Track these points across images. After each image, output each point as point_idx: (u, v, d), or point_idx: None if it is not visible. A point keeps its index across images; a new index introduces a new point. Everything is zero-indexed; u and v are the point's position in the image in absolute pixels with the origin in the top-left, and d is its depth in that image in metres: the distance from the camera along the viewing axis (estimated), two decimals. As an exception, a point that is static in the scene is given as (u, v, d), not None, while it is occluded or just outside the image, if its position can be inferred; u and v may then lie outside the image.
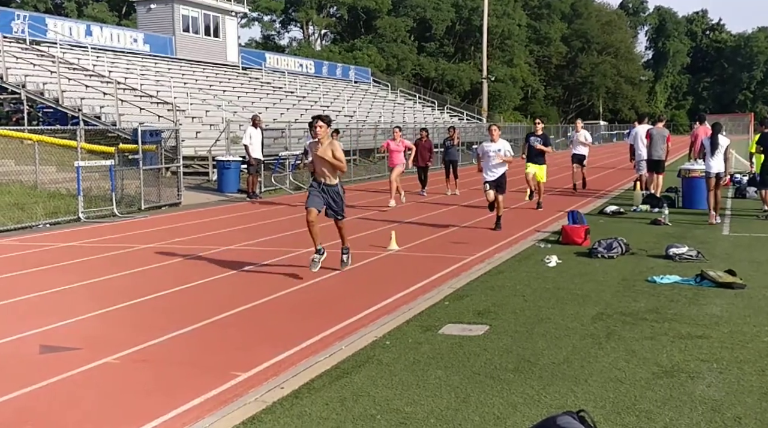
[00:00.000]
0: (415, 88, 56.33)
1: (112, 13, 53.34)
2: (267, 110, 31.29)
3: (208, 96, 30.73)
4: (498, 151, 12.90)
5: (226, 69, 38.19)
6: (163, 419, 4.75)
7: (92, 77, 26.50)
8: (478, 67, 66.01)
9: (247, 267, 9.97)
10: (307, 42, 73.12)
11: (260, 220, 15.13)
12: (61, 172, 18.19)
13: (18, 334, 6.71)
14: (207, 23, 37.74)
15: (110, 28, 35.57)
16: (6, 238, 12.80)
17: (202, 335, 6.75)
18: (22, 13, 30.91)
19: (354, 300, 7.99)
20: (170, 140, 20.18)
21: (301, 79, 42.06)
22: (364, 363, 5.84)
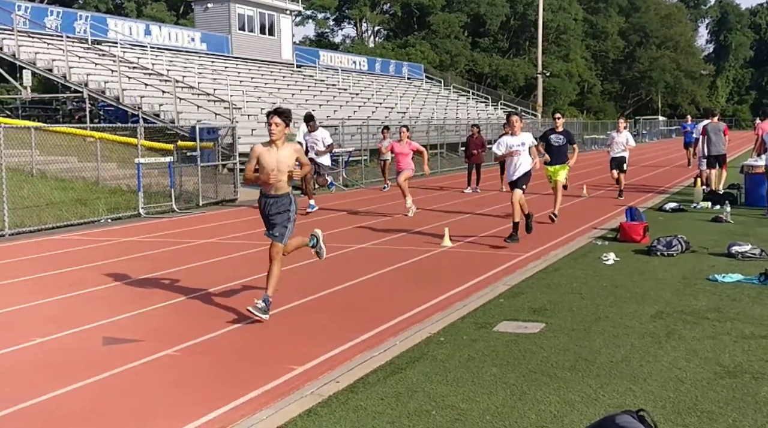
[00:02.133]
0: (468, 83, 56.04)
1: (170, 12, 54.32)
2: (320, 107, 31.50)
3: (264, 94, 31.08)
4: (522, 146, 11.18)
5: (281, 67, 38.56)
6: (222, 410, 4.83)
7: (151, 76, 27.04)
8: (533, 62, 65.32)
9: (302, 261, 10.06)
10: (361, 39, 73.35)
11: (314, 216, 15.25)
12: (121, 168, 18.63)
13: (82, 326, 6.89)
14: (262, 22, 38.16)
15: (168, 27, 36.24)
16: (70, 233, 13.17)
17: (258, 328, 6.84)
18: (84, 13, 31.70)
19: (408, 296, 8.00)
20: (227, 137, 20.49)
21: (354, 76, 42.22)
22: (419, 359, 5.84)
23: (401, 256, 10.36)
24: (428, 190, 21.19)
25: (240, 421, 4.65)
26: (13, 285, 8.80)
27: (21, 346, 6.29)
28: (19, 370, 5.72)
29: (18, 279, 9.16)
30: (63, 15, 29.22)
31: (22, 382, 5.45)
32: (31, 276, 9.31)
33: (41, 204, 14.84)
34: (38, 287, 8.65)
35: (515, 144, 11.16)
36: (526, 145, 11.22)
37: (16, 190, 14.28)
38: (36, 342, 6.41)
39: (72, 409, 4.93)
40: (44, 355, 6.09)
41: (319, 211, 16.33)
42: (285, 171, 7.12)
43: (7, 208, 12.98)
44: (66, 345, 6.37)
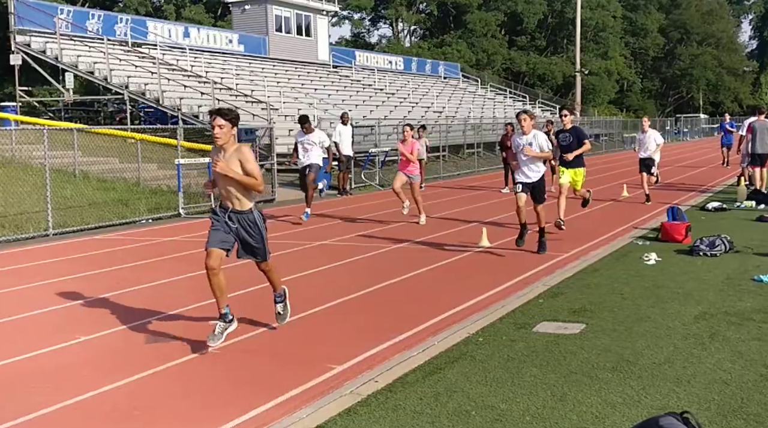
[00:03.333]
0: (505, 82, 55.73)
1: (208, 14, 54.87)
2: (357, 107, 31.57)
3: (300, 94, 31.25)
4: (529, 145, 10.19)
5: (317, 67, 38.73)
6: (263, 408, 4.87)
7: (190, 77, 27.36)
8: (571, 61, 64.69)
9: (340, 261, 10.09)
10: (397, 39, 73.35)
11: (352, 216, 15.29)
12: (161, 169, 18.88)
13: (124, 325, 7.00)
14: (299, 23, 38.37)
15: (207, 29, 36.63)
16: (111, 233, 13.37)
17: (298, 328, 6.88)
18: (125, 16, 32.18)
19: (446, 296, 7.98)
20: (264, 138, 20.63)
21: (390, 76, 42.23)
22: (458, 359, 5.82)
23: (439, 256, 10.34)
24: (465, 189, 21.12)
25: (280, 420, 4.68)
26: (57, 284, 8.97)
27: (66, 344, 6.41)
28: (65, 368, 5.83)
29: (62, 278, 9.33)
30: (104, 18, 29.71)
31: (68, 379, 5.55)
32: (75, 276, 9.47)
33: (83, 204, 15.09)
34: (82, 286, 8.79)
35: (522, 143, 10.26)
36: (534, 145, 10.16)
37: (59, 191, 14.55)
38: (80, 340, 6.52)
39: (116, 406, 5.01)
40: (88, 353, 6.20)
41: (356, 209, 16.35)
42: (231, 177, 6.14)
43: (51, 208, 13.23)
44: (109, 343, 6.47)
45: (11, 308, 7.68)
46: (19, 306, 7.74)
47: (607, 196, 17.70)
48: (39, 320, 7.29)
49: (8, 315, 7.37)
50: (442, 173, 26.41)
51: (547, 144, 10.31)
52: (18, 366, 5.89)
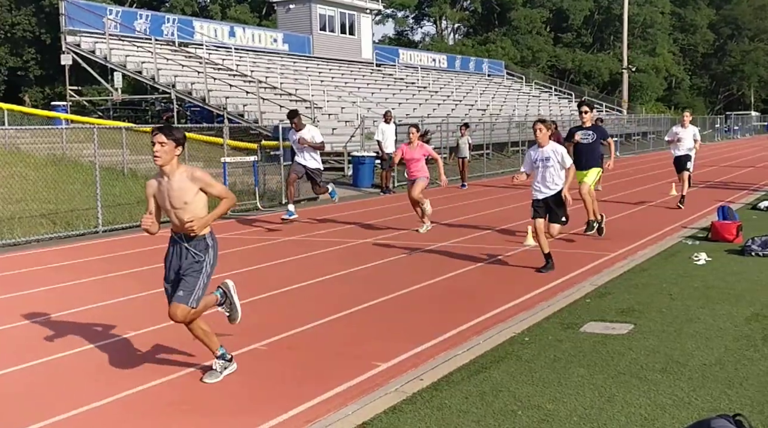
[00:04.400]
0: (550, 79, 55.18)
1: (253, 14, 55.36)
2: (400, 106, 31.58)
3: (344, 93, 31.36)
4: (546, 161, 9.00)
5: (361, 66, 38.83)
6: (309, 404, 4.91)
7: (236, 77, 27.65)
8: (618, 57, 63.79)
9: (383, 259, 10.11)
10: (440, 36, 73.15)
11: (394, 214, 15.30)
12: (207, 167, 19.07)
13: (170, 322, 7.08)
14: (343, 21, 38.50)
15: (252, 28, 36.97)
16: (160, 230, 13.58)
17: (344, 324, 6.92)
18: (172, 16, 32.64)
19: (491, 295, 7.94)
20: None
21: (434, 74, 42.14)
22: (503, 358, 5.79)
23: (482, 255, 10.28)
24: (509, 187, 20.97)
25: (326, 416, 4.71)
26: (109, 280, 9.15)
27: (118, 338, 6.53)
28: (117, 362, 5.94)
29: (113, 274, 9.52)
30: (151, 18, 30.17)
31: (119, 373, 5.65)
32: (126, 272, 9.65)
33: (132, 201, 15.34)
34: (131, 282, 8.95)
35: (539, 158, 9.04)
36: (552, 161, 8.98)
37: (108, 189, 14.82)
38: (131, 334, 6.64)
39: (168, 400, 5.09)
40: (139, 348, 6.31)
41: (398, 207, 16.33)
42: (187, 208, 5.21)
43: (101, 206, 13.49)
44: (161, 337, 6.57)
45: (64, 303, 7.85)
46: (71, 302, 7.91)
47: (655, 195, 17.42)
48: (90, 315, 7.44)
49: (61, 310, 7.54)
50: (486, 171, 26.27)
51: (568, 157, 9.19)
52: (69, 360, 6.02)
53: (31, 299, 8.17)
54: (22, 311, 7.53)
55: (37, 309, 7.60)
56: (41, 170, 16.51)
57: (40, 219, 13.24)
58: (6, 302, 8.06)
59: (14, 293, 8.43)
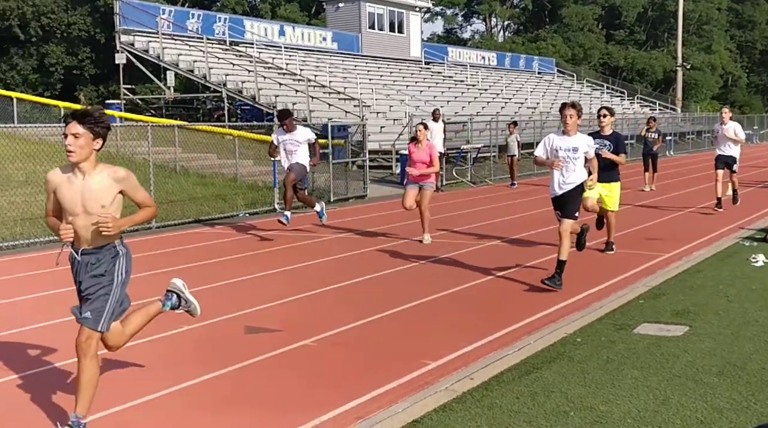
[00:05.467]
0: (602, 77, 54.33)
1: (302, 13, 55.70)
2: (449, 104, 31.46)
3: (392, 91, 31.37)
4: (572, 153, 7.94)
5: (410, 64, 38.78)
6: (359, 401, 4.92)
7: (285, 75, 27.87)
8: (672, 55, 62.50)
9: (436, 257, 10.07)
10: (490, 34, 72.64)
11: (444, 213, 15.24)
12: (257, 165, 19.29)
13: (225, 315, 7.18)
14: (392, 19, 38.51)
15: (301, 27, 37.22)
16: (210, 227, 13.77)
17: (392, 322, 6.91)
18: (223, 15, 33.06)
19: (541, 295, 7.85)
20: (356, 135, 20.81)
21: (483, 72, 41.86)
22: (555, 359, 5.72)
23: (533, 254, 10.18)
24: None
25: (376, 413, 4.71)
26: (160, 276, 9.28)
27: (170, 333, 6.63)
28: (170, 356, 6.03)
29: (165, 269, 9.66)
30: (203, 17, 30.58)
31: (172, 367, 5.74)
32: (177, 267, 9.78)
33: (184, 198, 15.58)
34: (183, 277, 9.06)
35: (563, 147, 7.93)
36: (579, 153, 7.97)
37: (161, 186, 15.07)
38: (183, 329, 6.74)
39: (219, 394, 5.15)
40: (191, 342, 6.40)
41: (446, 205, 16.27)
42: (97, 213, 4.36)
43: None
44: (211, 333, 6.66)
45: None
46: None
47: (710, 195, 17.02)
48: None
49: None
50: (536, 170, 25.98)
51: (592, 153, 8.17)
52: (126, 353, 6.11)
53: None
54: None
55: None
56: (97, 166, 16.84)
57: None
58: (62, 295, 8.24)
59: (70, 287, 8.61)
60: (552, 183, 8.12)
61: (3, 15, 43.68)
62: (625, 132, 36.80)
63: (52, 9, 44.09)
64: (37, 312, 7.44)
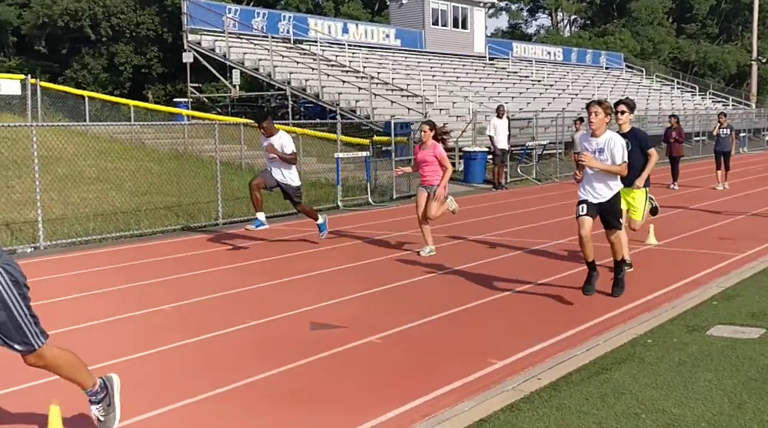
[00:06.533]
0: (672, 72, 52.96)
1: (365, 10, 55.89)
2: (513, 100, 31.12)
3: (455, 87, 31.19)
4: (599, 155, 7.22)
5: (473, 60, 38.51)
6: (425, 399, 4.89)
7: (348, 73, 27.98)
8: (747, 48, 60.51)
9: (501, 255, 9.97)
10: (556, 29, 71.59)
11: (507, 211, 15.09)
12: (320, 163, 19.43)
13: (291, 311, 7.24)
14: (456, 15, 38.29)
15: (364, 24, 37.32)
16: (276, 223, 13.91)
17: (457, 320, 6.86)
18: (287, 14, 33.39)
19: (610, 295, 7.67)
20: (419, 132, 20.74)
21: (549, 67, 41.27)
22: (625, 360, 5.59)
23: (602, 253, 9.93)
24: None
25: (442, 412, 4.68)
26: (227, 271, 9.43)
27: (237, 327, 6.71)
28: (236, 351, 6.10)
29: (231, 265, 9.81)
30: (268, 16, 30.95)
31: (238, 362, 5.80)
32: (243, 264, 9.93)
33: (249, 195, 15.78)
34: (250, 273, 9.20)
35: (589, 149, 7.28)
36: (604, 154, 7.20)
37: (227, 183, 15.30)
38: (251, 324, 6.82)
39: (285, 389, 5.18)
40: (257, 337, 6.46)
41: (511, 203, 16.09)
42: None
43: (221, 200, 13.94)
44: (277, 328, 6.72)
45: (184, 293, 8.14)
46: (191, 291, 8.19)
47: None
48: (211, 304, 7.68)
49: (182, 300, 7.82)
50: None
51: (623, 153, 7.27)
52: (190, 348, 6.22)
53: (158, 288, 8.52)
54: (144, 300, 7.86)
55: (160, 298, 7.92)
56: (164, 164, 17.24)
57: (164, 211, 13.82)
58: (130, 291, 8.44)
59: (142, 282, 8.82)
60: (585, 190, 7.37)
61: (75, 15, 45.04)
62: (696, 128, 35.86)
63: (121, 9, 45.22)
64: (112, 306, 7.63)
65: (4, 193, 13.47)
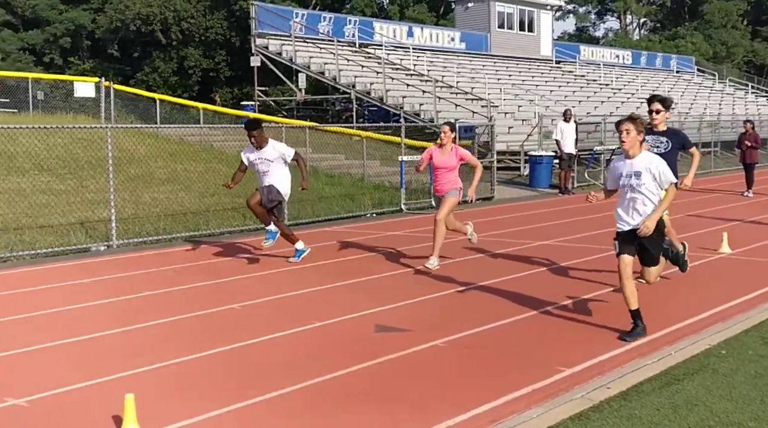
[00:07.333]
0: (747, 76, 51.44)
1: (431, 13, 55.89)
2: (580, 104, 30.67)
3: (521, 91, 30.90)
4: (634, 179, 6.32)
5: (539, 63, 38.10)
6: (492, 405, 4.85)
7: (413, 76, 28.00)
8: (826, 51, 58.38)
9: (564, 262, 9.82)
10: (624, 32, 70.29)
11: (574, 216, 14.86)
12: (384, 166, 19.49)
13: (356, 313, 7.27)
14: (522, 18, 37.97)
15: (429, 28, 37.30)
16: (338, 225, 14.02)
17: (523, 326, 6.79)
18: (353, 18, 33.61)
19: (682, 304, 7.51)
20: (483, 136, 20.63)
21: (617, 71, 40.54)
22: (698, 371, 5.44)
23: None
24: (699, 191, 19.77)
25: (510, 417, 4.63)
26: (294, 273, 9.53)
27: (303, 328, 6.77)
28: (301, 352, 6.16)
29: (296, 267, 9.90)
30: (334, 20, 31.21)
31: (303, 362, 5.85)
32: (309, 265, 10.00)
33: (313, 198, 15.93)
34: (316, 274, 9.27)
35: (624, 173, 6.41)
36: (645, 178, 6.30)
37: (292, 185, 15.45)
38: (317, 325, 6.87)
39: (350, 390, 5.21)
40: (322, 338, 6.51)
41: (578, 209, 15.82)
42: None
43: (286, 202, 14.08)
44: (342, 330, 6.75)
45: (254, 292, 8.26)
46: (260, 291, 8.31)
47: None
48: (278, 304, 7.77)
49: (251, 299, 7.93)
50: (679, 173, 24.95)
51: (669, 173, 6.41)
52: (263, 345, 6.30)
53: (228, 287, 8.66)
54: (217, 298, 8.00)
55: (231, 296, 8.06)
56: (232, 166, 17.45)
57: (231, 212, 14.04)
58: (204, 289, 8.60)
59: (212, 281, 8.98)
60: (618, 216, 6.52)
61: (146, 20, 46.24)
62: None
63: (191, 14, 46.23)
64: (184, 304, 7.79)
65: (79, 193, 13.90)
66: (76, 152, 15.11)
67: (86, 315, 7.37)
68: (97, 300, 7.87)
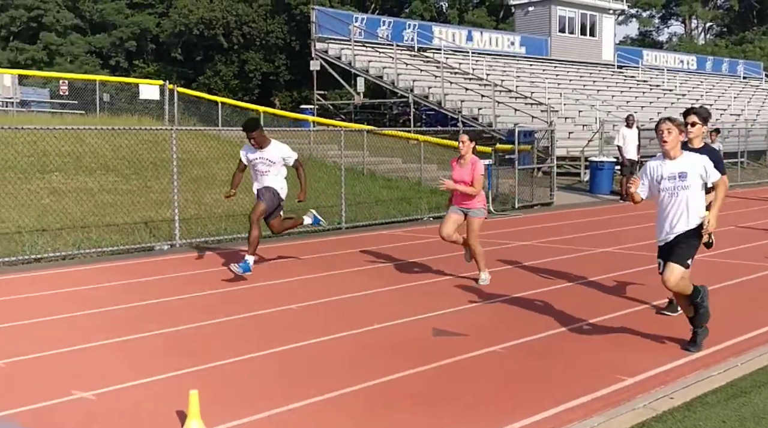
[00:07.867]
0: (817, 82, 49.74)
1: (490, 17, 55.64)
2: (643, 109, 30.12)
3: (582, 96, 30.51)
4: (679, 180, 6.01)
5: (601, 68, 37.56)
6: (552, 412, 4.79)
7: (471, 80, 27.90)
8: None
9: (625, 270, 9.65)
10: (689, 37, 68.79)
11: (636, 224, 14.57)
12: (441, 170, 19.42)
13: (413, 316, 7.26)
14: (583, 22, 37.50)
15: (489, 32, 37.12)
16: (395, 229, 14.04)
17: (583, 334, 6.69)
18: (412, 22, 33.68)
19: (749, 314, 7.30)
20: (543, 140, 20.42)
21: (681, 76, 39.70)
22: (765, 383, 5.29)
23: (739, 271, 9.48)
24: (765, 200, 19.22)
25: (571, 424, 4.57)
26: (350, 275, 9.58)
27: (361, 330, 6.80)
28: (359, 353, 6.18)
29: (354, 269, 9.95)
30: (393, 24, 31.32)
31: (361, 363, 5.88)
32: (366, 267, 10.05)
33: (371, 201, 16.00)
34: (374, 277, 9.30)
35: (666, 175, 6.06)
36: (691, 179, 6.00)
37: (350, 188, 15.55)
38: (375, 327, 6.89)
39: (407, 393, 5.21)
40: (381, 340, 6.52)
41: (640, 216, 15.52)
42: None
43: (344, 204, 14.20)
44: (400, 333, 6.76)
45: (313, 293, 8.32)
46: (318, 292, 8.36)
47: None
48: (338, 305, 7.82)
49: (310, 300, 8.00)
50: (740, 181, 24.27)
51: (716, 170, 6.16)
52: (322, 346, 6.34)
53: (284, 287, 8.76)
54: (278, 298, 8.10)
55: (290, 297, 8.15)
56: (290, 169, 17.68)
57: (290, 214, 14.18)
58: (266, 288, 8.71)
59: (270, 281, 9.10)
60: (658, 221, 6.23)
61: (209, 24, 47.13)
62: None
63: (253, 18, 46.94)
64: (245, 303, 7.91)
65: (143, 193, 14.23)
66: (141, 153, 15.46)
67: (149, 312, 7.54)
68: (161, 298, 8.04)
